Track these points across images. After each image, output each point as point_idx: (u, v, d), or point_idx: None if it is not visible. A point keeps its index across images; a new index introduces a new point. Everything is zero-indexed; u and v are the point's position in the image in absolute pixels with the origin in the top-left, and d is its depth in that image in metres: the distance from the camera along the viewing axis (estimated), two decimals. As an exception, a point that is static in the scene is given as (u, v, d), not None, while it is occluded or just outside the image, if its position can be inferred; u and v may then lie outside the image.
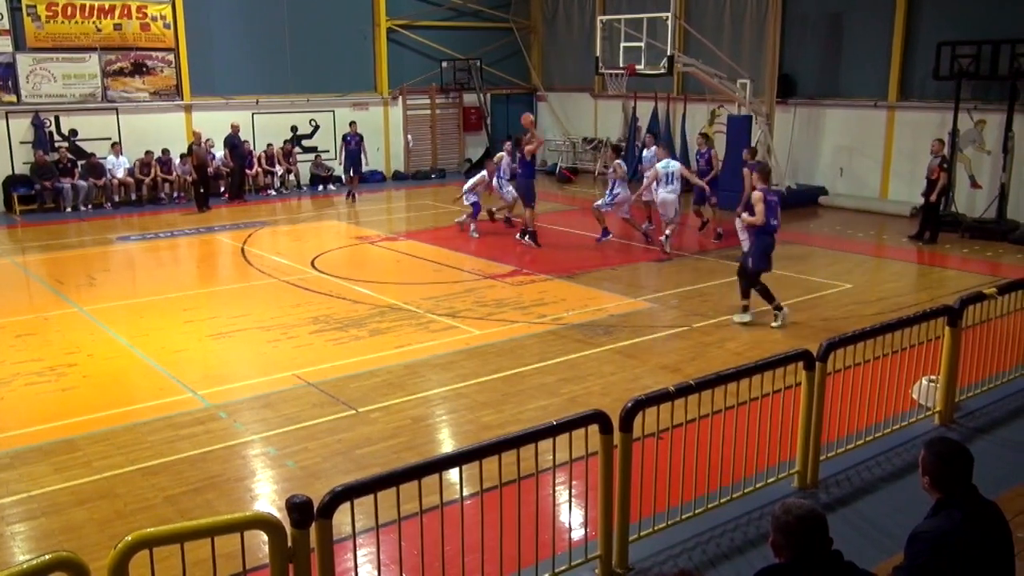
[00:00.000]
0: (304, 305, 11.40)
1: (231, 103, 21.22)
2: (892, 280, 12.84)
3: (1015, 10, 15.84)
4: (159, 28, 20.23)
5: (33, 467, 6.81)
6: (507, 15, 25.49)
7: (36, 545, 5.70)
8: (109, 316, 11.01)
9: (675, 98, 22.07)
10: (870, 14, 18.31)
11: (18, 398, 8.37)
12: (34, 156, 18.89)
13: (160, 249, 15.76)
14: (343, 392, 8.34)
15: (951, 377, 7.13)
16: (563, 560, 4.98)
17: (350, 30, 23.00)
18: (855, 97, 18.79)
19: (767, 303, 10.29)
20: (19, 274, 13.82)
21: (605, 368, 8.94)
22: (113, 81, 19.89)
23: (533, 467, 4.92)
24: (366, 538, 5.07)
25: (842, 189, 19.28)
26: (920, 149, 17.58)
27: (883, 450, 6.63)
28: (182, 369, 9.08)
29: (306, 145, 22.67)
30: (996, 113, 16.23)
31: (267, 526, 3.78)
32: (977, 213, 16.51)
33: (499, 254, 14.24)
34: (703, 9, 21.43)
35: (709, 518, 5.57)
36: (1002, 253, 14.39)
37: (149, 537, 3.55)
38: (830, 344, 6.06)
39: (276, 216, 18.91)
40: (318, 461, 6.88)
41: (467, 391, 8.38)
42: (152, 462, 6.86)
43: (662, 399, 5.14)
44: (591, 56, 19.73)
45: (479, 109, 24.98)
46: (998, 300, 7.45)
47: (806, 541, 3.24)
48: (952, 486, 3.69)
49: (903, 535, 3.72)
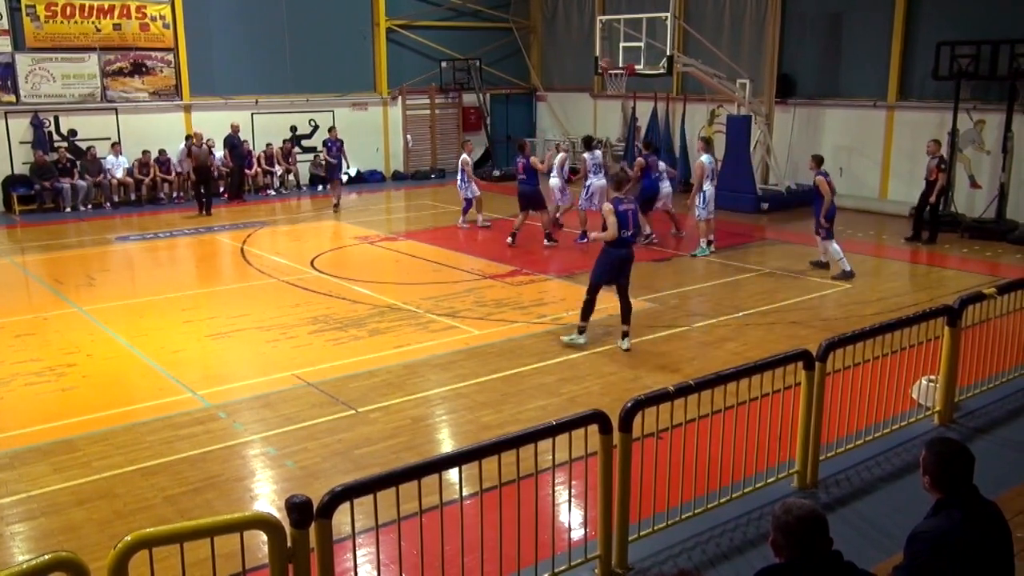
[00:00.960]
0: (303, 305, 11.40)
1: (230, 103, 21.21)
2: (891, 280, 12.85)
3: (1014, 10, 15.84)
4: (158, 28, 20.22)
5: (32, 467, 6.81)
6: (507, 15, 25.49)
7: (36, 545, 5.70)
8: (108, 316, 11.00)
9: (674, 98, 22.07)
10: (869, 14, 18.31)
11: (17, 398, 8.37)
12: (33, 156, 18.88)
13: (159, 249, 15.75)
14: (342, 392, 8.33)
15: (951, 377, 7.13)
16: (563, 560, 4.97)
17: (349, 30, 22.99)
18: (854, 97, 18.79)
19: (581, 318, 9.62)
20: (18, 274, 13.82)
21: (605, 368, 8.93)
22: (112, 81, 19.88)
23: (533, 467, 4.91)
24: (366, 538, 5.07)
25: (841, 189, 19.12)
26: (920, 149, 17.55)
27: (883, 450, 6.62)
28: (181, 369, 9.07)
29: (305, 145, 22.66)
30: (995, 113, 16.23)
31: (267, 526, 3.78)
32: (976, 213, 16.51)
33: (499, 254, 14.23)
34: (702, 9, 21.42)
35: (709, 518, 5.57)
36: (1001, 253, 14.40)
37: (148, 537, 3.54)
38: (830, 344, 6.05)
39: (275, 216, 18.90)
40: (317, 461, 6.88)
41: (466, 391, 8.38)
42: (151, 462, 6.86)
43: (662, 399, 5.13)
44: (591, 56, 19.73)
45: (478, 109, 24.97)
46: (997, 300, 7.45)
47: (806, 541, 3.24)
48: (952, 486, 3.68)
49: (902, 535, 3.72)
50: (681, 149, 21.67)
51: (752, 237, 15.50)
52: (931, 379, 7.36)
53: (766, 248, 14.83)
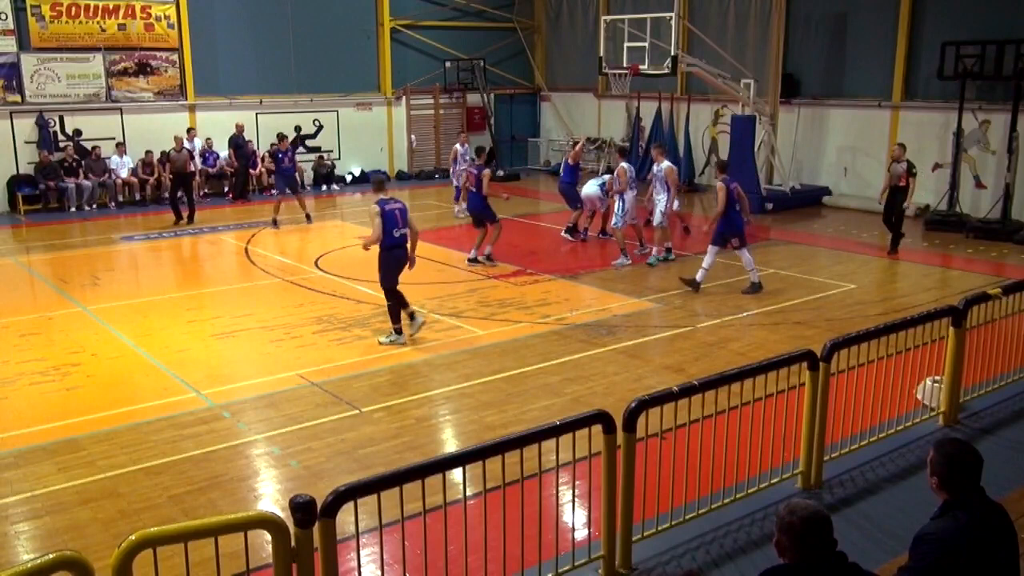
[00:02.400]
0: (308, 305, 11.41)
1: (235, 103, 21.24)
2: (896, 280, 12.82)
3: (1020, 10, 15.81)
4: (163, 28, 20.25)
5: (37, 466, 6.82)
6: (511, 15, 25.48)
7: (40, 544, 5.71)
8: (113, 316, 11.02)
9: (679, 98, 22.05)
10: (874, 14, 18.27)
11: (22, 397, 8.38)
12: (38, 156, 18.92)
13: (164, 249, 15.78)
14: (346, 392, 8.34)
15: (955, 378, 7.11)
16: (566, 560, 4.97)
17: (354, 30, 23.00)
18: (859, 97, 18.76)
19: (391, 320, 9.80)
20: (23, 274, 13.85)
21: (609, 368, 8.93)
22: (117, 81, 19.91)
23: (536, 467, 4.92)
24: (369, 538, 5.08)
25: (846, 189, 19.25)
26: (925, 149, 17.58)
27: (887, 451, 6.61)
28: (186, 369, 9.08)
29: (310, 145, 22.68)
30: (1001, 113, 16.20)
31: (271, 526, 3.78)
32: (981, 213, 16.47)
33: (502, 254, 14.22)
34: (707, 9, 21.40)
35: (713, 518, 5.56)
36: (1007, 253, 14.36)
37: (153, 536, 3.55)
38: (834, 344, 6.04)
39: (279, 216, 18.85)
40: (321, 461, 6.88)
41: (470, 391, 8.38)
42: (156, 462, 6.87)
43: (666, 399, 5.13)
44: (595, 56, 19.72)
45: (483, 109, 24.97)
46: (1003, 300, 7.43)
47: (810, 542, 3.23)
48: (960, 488, 3.65)
49: (907, 536, 3.71)
50: (685, 149, 21.65)
51: (756, 237, 15.45)
52: (936, 380, 7.34)
53: (770, 248, 14.80)
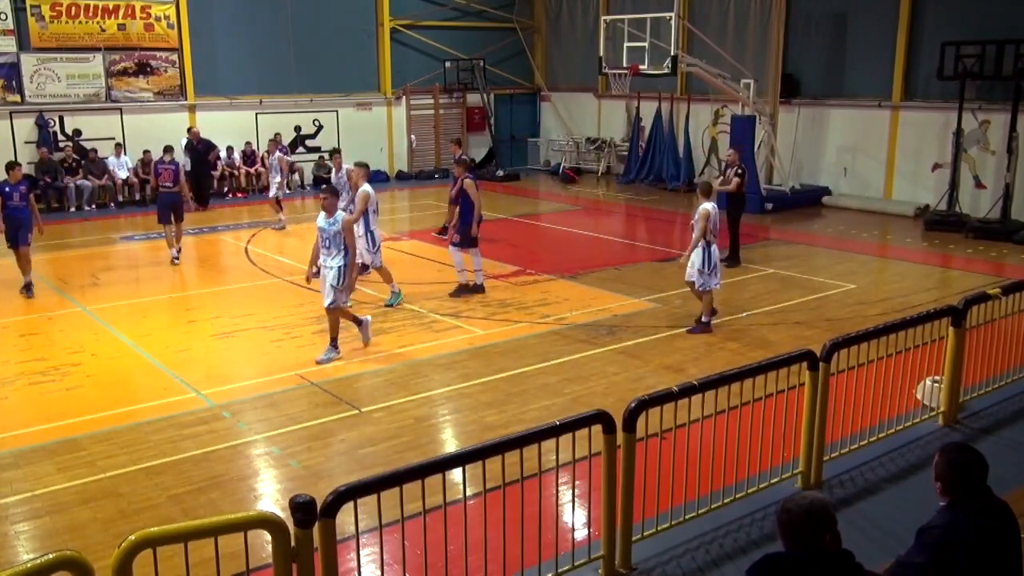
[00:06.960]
0: (307, 305, 11.40)
1: (235, 103, 21.25)
2: (896, 280, 12.82)
3: (1020, 10, 15.82)
4: (163, 28, 20.25)
5: (37, 466, 6.82)
6: (511, 15, 25.48)
7: (40, 544, 5.71)
8: (113, 316, 11.02)
9: (679, 98, 22.06)
10: (874, 14, 18.28)
11: (22, 397, 8.39)
12: (38, 156, 18.92)
13: (163, 249, 15.71)
14: (346, 392, 8.34)
15: (955, 377, 7.11)
16: (566, 560, 4.97)
17: (353, 30, 23.00)
18: (859, 97, 18.76)
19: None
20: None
21: (608, 368, 8.93)
22: (117, 81, 19.92)
23: (536, 467, 4.92)
24: (369, 538, 5.08)
25: (846, 189, 19.25)
26: (924, 149, 17.63)
27: (887, 450, 6.61)
28: (185, 369, 9.08)
29: (310, 145, 22.68)
30: (1000, 113, 16.21)
31: (271, 526, 3.79)
32: (981, 213, 16.48)
33: (502, 254, 14.22)
34: (707, 9, 21.40)
35: (712, 518, 5.56)
36: (1006, 253, 14.36)
37: (153, 536, 3.54)
38: (834, 344, 6.04)
39: (279, 216, 18.86)
40: (321, 461, 6.89)
41: (470, 391, 8.38)
42: (156, 461, 6.87)
43: (665, 399, 5.13)
44: (595, 56, 19.72)
45: (483, 109, 24.97)
46: (1002, 300, 7.43)
47: (802, 535, 3.15)
48: (963, 493, 3.63)
49: (907, 535, 3.71)
50: (685, 149, 21.67)
51: (756, 237, 15.47)
52: (935, 380, 7.35)
53: (770, 248, 14.80)
